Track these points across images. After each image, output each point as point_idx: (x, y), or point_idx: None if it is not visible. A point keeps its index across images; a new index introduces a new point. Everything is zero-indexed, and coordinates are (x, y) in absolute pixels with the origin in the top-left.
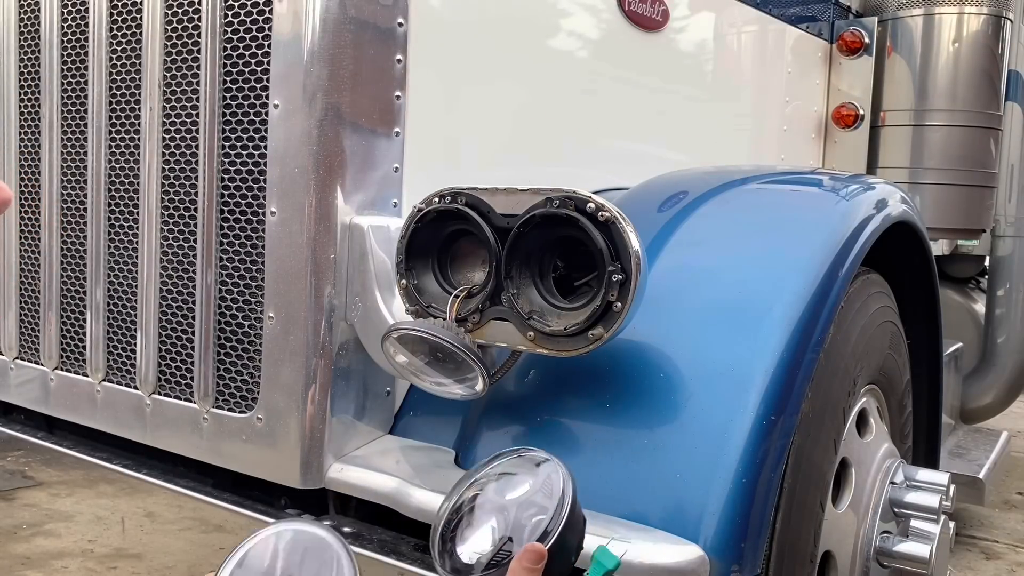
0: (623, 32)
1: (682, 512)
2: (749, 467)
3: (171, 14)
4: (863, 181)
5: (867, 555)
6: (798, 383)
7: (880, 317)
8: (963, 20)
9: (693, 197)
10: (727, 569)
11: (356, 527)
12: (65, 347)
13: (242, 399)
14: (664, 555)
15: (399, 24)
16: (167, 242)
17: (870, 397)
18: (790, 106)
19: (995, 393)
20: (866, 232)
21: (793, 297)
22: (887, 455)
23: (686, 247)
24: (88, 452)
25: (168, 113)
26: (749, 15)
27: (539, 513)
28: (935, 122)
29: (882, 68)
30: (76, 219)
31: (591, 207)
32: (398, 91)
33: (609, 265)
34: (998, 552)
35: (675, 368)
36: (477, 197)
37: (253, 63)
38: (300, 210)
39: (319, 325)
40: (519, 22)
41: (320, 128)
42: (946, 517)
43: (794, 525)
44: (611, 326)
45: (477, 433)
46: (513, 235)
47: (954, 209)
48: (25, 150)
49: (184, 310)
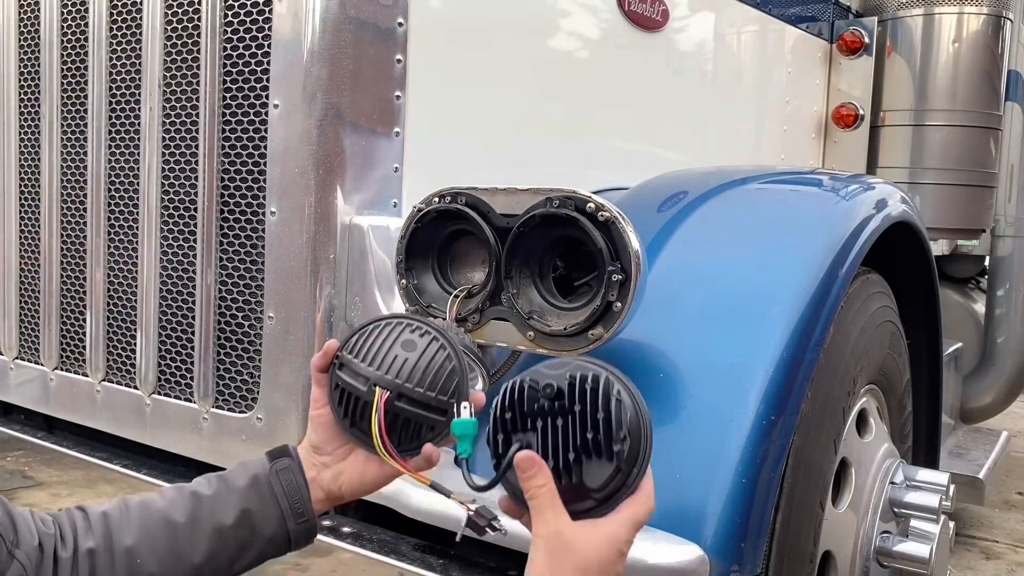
0: (623, 32)
1: (682, 512)
2: (749, 467)
3: (171, 14)
4: (863, 181)
5: (867, 555)
6: (798, 383)
7: (880, 317)
8: (963, 20)
9: (693, 197)
10: (727, 569)
11: (356, 527)
12: (65, 347)
13: (242, 399)
14: (664, 555)
15: (399, 24)
16: (167, 242)
17: (870, 397)
18: (790, 106)
19: (995, 393)
20: (866, 232)
21: (793, 297)
22: (887, 455)
23: (686, 247)
24: (88, 452)
25: (168, 113)
26: (749, 15)
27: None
28: (935, 122)
29: (882, 68)
30: (76, 219)
31: (591, 207)
32: (398, 91)
33: (609, 265)
34: (998, 552)
35: (675, 368)
36: (477, 197)
37: (253, 63)
38: (300, 210)
39: (319, 325)
40: (519, 22)
41: (320, 128)
42: (946, 517)
43: (794, 525)
44: (611, 326)
45: (477, 433)
46: (513, 235)
47: (954, 209)
48: (25, 150)
49: (184, 310)
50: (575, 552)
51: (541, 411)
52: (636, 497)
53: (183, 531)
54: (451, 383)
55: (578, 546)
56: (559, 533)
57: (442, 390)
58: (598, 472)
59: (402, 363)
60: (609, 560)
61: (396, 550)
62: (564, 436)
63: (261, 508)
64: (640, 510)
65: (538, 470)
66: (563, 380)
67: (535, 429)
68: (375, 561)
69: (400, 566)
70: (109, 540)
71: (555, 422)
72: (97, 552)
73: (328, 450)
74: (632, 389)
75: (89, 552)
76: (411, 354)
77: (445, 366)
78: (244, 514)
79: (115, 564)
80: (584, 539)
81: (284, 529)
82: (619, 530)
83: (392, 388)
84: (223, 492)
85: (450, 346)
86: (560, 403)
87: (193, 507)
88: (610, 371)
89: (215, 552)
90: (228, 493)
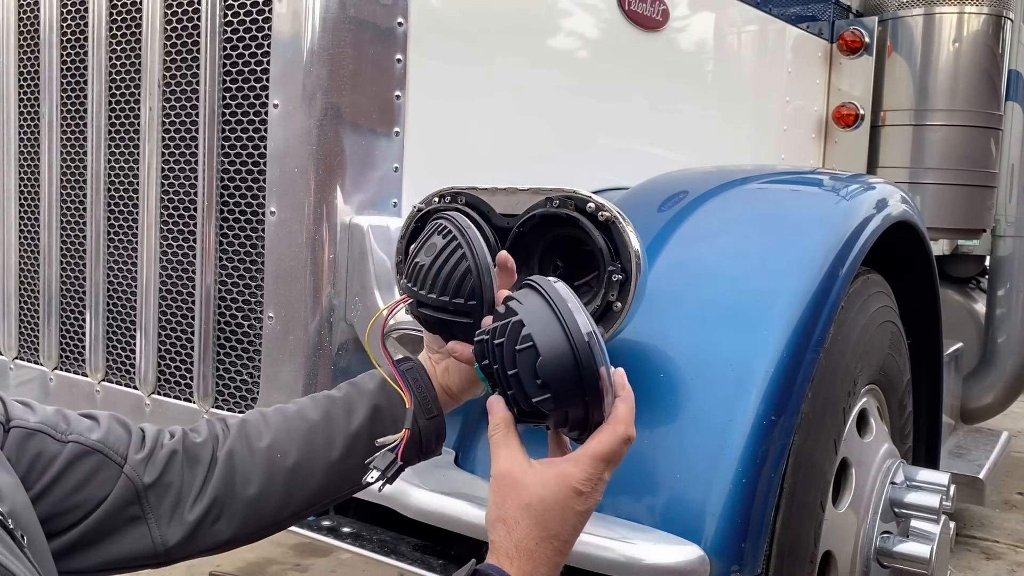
0: (623, 32)
1: (682, 512)
2: (749, 467)
3: (170, 14)
4: (863, 181)
5: (867, 555)
6: (798, 383)
7: (880, 317)
8: (963, 20)
9: (693, 197)
10: (727, 569)
11: (356, 527)
12: (65, 347)
13: (242, 399)
14: (664, 555)
15: (399, 24)
16: (167, 242)
17: (870, 397)
18: (790, 106)
19: (995, 393)
20: (866, 232)
21: (793, 297)
22: (887, 455)
23: (686, 247)
24: None
25: (168, 113)
26: (749, 15)
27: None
28: (935, 122)
29: (882, 68)
30: (76, 219)
31: (591, 207)
32: (398, 91)
33: (609, 265)
34: (998, 552)
35: (675, 368)
36: (477, 197)
37: (253, 63)
38: (299, 210)
39: (319, 325)
40: (519, 22)
41: (320, 128)
42: (946, 517)
43: (794, 525)
44: (611, 326)
45: (477, 433)
46: (513, 235)
47: (954, 209)
48: (25, 150)
49: (184, 310)
50: (519, 490)
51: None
52: (606, 426)
53: (319, 428)
54: (466, 285)
55: (524, 484)
56: (508, 471)
57: (456, 293)
58: (541, 401)
59: (420, 270)
60: (557, 498)
61: (396, 550)
62: (502, 368)
63: (391, 405)
64: (606, 439)
65: (492, 412)
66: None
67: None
68: (375, 561)
69: (400, 566)
70: (247, 441)
71: (497, 353)
72: (235, 452)
73: (435, 347)
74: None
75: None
76: (429, 259)
77: (459, 267)
78: (376, 410)
79: (256, 460)
80: (531, 478)
81: (416, 426)
82: (573, 469)
83: (413, 296)
84: (353, 393)
85: (466, 245)
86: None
87: (326, 406)
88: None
89: (352, 450)
90: (359, 394)
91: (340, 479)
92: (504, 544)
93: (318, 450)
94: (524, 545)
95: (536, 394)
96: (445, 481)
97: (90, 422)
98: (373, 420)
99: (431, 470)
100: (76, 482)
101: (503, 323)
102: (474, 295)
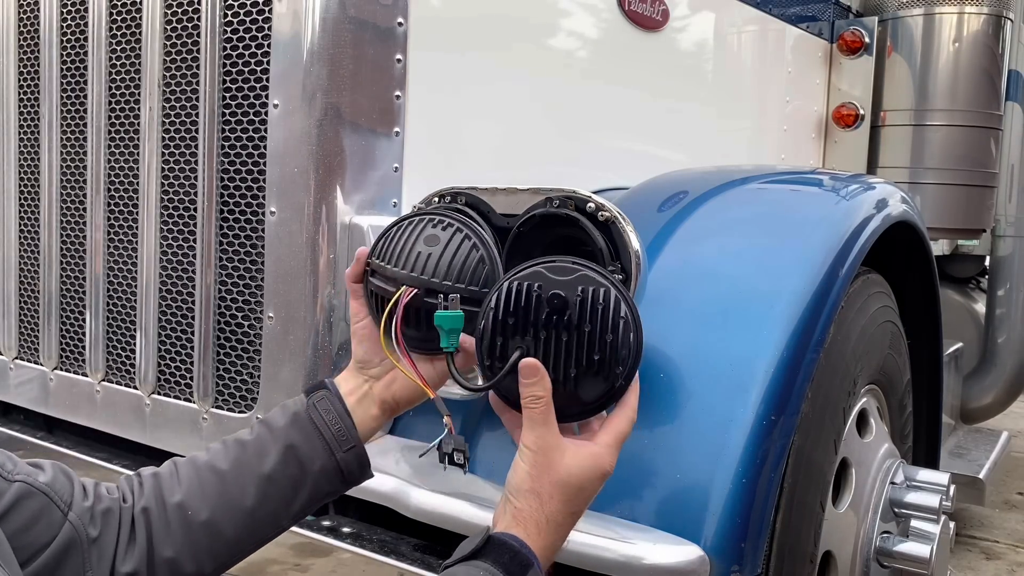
0: (623, 32)
1: (682, 512)
2: (749, 467)
3: (170, 14)
4: (863, 181)
5: (867, 555)
6: (798, 383)
7: (880, 317)
8: (963, 20)
9: (693, 197)
10: (727, 569)
11: (356, 527)
12: (65, 347)
13: (242, 399)
14: (664, 555)
15: (399, 24)
16: (167, 242)
17: (870, 397)
18: (790, 106)
19: (995, 393)
20: (866, 232)
21: (793, 297)
22: (887, 455)
23: (686, 247)
24: (88, 452)
25: (168, 113)
26: (749, 15)
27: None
28: (935, 122)
29: (882, 68)
30: (76, 219)
31: (591, 207)
32: (398, 91)
33: (609, 265)
34: (998, 552)
35: (675, 368)
36: (477, 197)
37: (253, 63)
38: (299, 210)
39: (319, 325)
40: (519, 22)
41: (319, 128)
42: (946, 517)
43: (794, 525)
44: None
45: (477, 433)
46: (513, 235)
47: (954, 209)
48: (25, 150)
49: (184, 310)
50: (557, 468)
51: (547, 321)
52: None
53: (230, 477)
54: (480, 272)
55: (562, 463)
56: (547, 448)
57: (472, 281)
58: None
59: (426, 259)
60: (589, 479)
61: (396, 550)
62: (568, 351)
63: (305, 442)
64: (624, 426)
65: (539, 380)
66: (572, 293)
67: (537, 338)
68: (375, 561)
69: (400, 566)
70: (160, 498)
71: (560, 335)
72: (150, 510)
73: (376, 362)
74: (630, 301)
75: (144, 511)
76: (435, 248)
77: (472, 256)
78: (288, 450)
79: (168, 519)
80: (568, 458)
81: (333, 460)
82: (603, 452)
83: (420, 285)
84: (264, 434)
85: (475, 236)
86: (568, 317)
87: (236, 453)
88: (611, 282)
89: (266, 494)
90: (270, 434)
91: (260, 525)
92: (536, 516)
93: (232, 501)
94: (555, 519)
95: (608, 376)
96: (445, 481)
97: (35, 469)
98: (286, 461)
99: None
100: (22, 522)
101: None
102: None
